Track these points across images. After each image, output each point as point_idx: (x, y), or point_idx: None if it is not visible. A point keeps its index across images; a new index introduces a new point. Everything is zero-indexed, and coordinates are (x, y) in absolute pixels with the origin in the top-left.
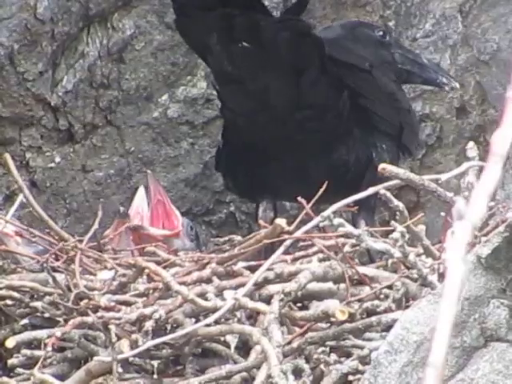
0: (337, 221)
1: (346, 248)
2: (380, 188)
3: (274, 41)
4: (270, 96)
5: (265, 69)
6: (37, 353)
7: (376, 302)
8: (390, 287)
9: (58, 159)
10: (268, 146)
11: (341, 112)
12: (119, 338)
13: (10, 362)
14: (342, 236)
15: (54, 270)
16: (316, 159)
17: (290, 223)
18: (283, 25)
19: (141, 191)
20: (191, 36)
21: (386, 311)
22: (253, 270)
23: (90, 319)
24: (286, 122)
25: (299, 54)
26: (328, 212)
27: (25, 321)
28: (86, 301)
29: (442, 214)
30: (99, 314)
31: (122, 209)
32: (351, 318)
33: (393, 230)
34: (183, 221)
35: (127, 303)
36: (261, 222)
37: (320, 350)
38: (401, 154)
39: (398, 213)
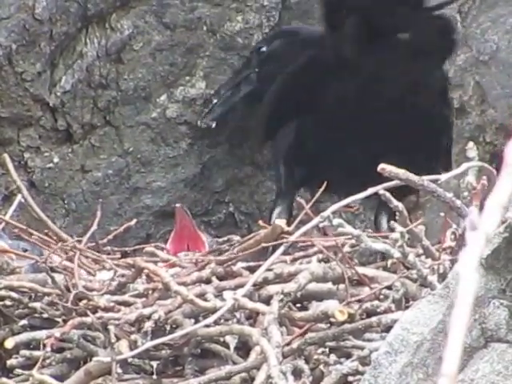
0: (336, 221)
1: (346, 248)
2: (380, 188)
3: (418, 34)
4: (392, 86)
5: (407, 60)
6: (36, 353)
7: (376, 302)
8: (389, 287)
9: (56, 159)
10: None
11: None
12: (118, 339)
13: (9, 362)
14: (341, 236)
15: (53, 270)
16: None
17: (289, 223)
18: (431, 21)
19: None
20: (334, 16)
21: (385, 312)
22: (252, 270)
23: (89, 320)
24: (390, 109)
25: (437, 49)
26: (327, 212)
27: (24, 321)
28: (85, 301)
29: (442, 214)
30: (98, 314)
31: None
32: (351, 318)
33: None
34: (208, 243)
35: (126, 304)
36: (260, 222)
37: (320, 350)
38: None
39: (397, 213)
